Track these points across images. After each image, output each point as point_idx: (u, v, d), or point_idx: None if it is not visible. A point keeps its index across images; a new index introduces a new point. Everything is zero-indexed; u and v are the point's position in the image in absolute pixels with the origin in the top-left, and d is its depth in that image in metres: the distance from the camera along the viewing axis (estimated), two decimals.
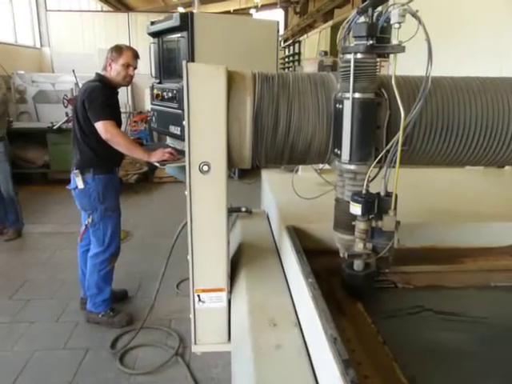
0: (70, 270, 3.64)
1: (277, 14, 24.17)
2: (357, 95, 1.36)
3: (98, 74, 3.19)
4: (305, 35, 17.09)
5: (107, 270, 3.20)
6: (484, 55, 4.33)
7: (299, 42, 15.91)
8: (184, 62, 1.45)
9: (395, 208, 1.38)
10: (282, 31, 23.24)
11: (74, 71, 6.85)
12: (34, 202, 5.64)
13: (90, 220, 3.13)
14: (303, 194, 2.01)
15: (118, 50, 3.16)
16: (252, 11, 23.06)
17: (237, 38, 2.76)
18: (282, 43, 18.40)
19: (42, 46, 11.52)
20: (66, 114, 6.77)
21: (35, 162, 6.72)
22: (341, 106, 1.40)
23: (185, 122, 1.49)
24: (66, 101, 6.82)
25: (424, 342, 1.22)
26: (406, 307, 1.39)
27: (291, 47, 16.12)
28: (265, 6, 24.53)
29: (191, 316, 1.68)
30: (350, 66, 1.33)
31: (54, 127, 6.45)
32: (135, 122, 7.46)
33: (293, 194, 2.02)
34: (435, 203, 2.17)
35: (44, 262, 3.95)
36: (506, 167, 3.02)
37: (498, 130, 1.57)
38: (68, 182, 3.05)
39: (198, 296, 1.65)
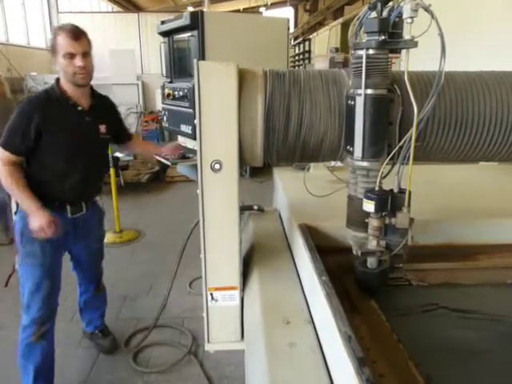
0: None
1: (286, 12, 24.09)
2: (369, 91, 1.34)
3: (50, 87, 2.31)
4: (315, 33, 17.02)
5: (27, 342, 2.23)
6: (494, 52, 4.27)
7: (309, 39, 15.83)
8: (195, 61, 1.45)
9: (409, 205, 1.37)
10: (291, 29, 23.24)
11: None
12: None
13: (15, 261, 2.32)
14: (315, 191, 2.00)
15: (52, 37, 2.22)
16: (262, 9, 23.03)
17: (247, 36, 2.75)
18: (292, 41, 18.36)
19: None
20: None
21: None
22: (353, 103, 1.39)
23: (196, 121, 1.50)
24: None
25: (439, 340, 1.21)
26: (420, 305, 1.37)
27: (301, 45, 16.05)
28: (274, 4, 24.46)
29: (204, 314, 1.68)
30: (361, 62, 1.32)
31: None
32: (146, 121, 7.50)
33: (305, 192, 2.01)
34: (449, 200, 2.14)
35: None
36: None
37: (508, 124, 1.55)
38: None
39: (211, 294, 1.65)
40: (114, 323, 2.85)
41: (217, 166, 1.53)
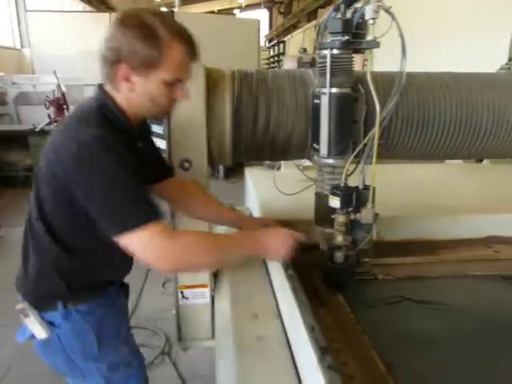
0: None
1: (261, 15, 24.19)
2: (334, 90, 1.38)
3: (100, 93, 1.21)
4: (289, 35, 17.14)
5: None
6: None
7: (283, 42, 15.95)
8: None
9: (373, 201, 1.41)
10: (266, 31, 23.28)
11: (55, 72, 6.76)
12: (16, 205, 5.56)
13: None
14: (285, 190, 2.02)
15: (150, 39, 1.09)
16: (236, 11, 23.07)
17: (218, 37, 2.76)
18: (267, 43, 18.45)
19: (22, 47, 11.37)
20: (48, 116, 6.68)
21: (17, 165, 6.62)
22: (318, 101, 1.42)
23: (165, 120, 1.50)
24: (47, 102, 6.73)
25: (403, 330, 1.25)
26: (385, 297, 1.41)
27: (276, 47, 16.16)
28: (249, 7, 24.55)
29: (175, 312, 1.69)
30: (326, 62, 1.35)
31: (36, 129, 6.36)
32: None
33: (275, 190, 2.04)
34: (415, 197, 2.21)
35: None
36: (484, 162, 3.08)
37: (472, 123, 1.62)
38: None
39: (182, 292, 1.66)
40: None
41: (186, 165, 1.54)
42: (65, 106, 6.81)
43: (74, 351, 1.33)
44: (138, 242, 1.08)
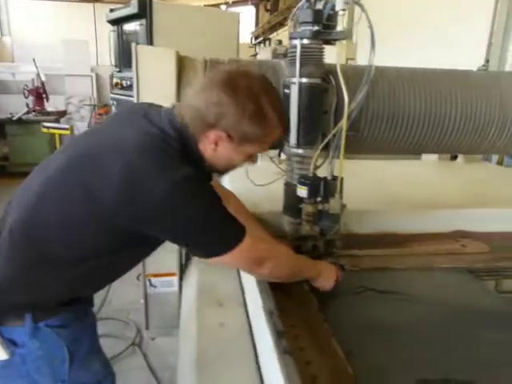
0: None
1: (248, 11, 24.09)
2: (303, 80, 1.39)
3: (182, 129, 1.10)
4: (275, 33, 17.13)
5: None
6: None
7: (269, 39, 15.92)
8: (133, 45, 1.45)
9: (341, 191, 1.42)
10: (253, 28, 23.24)
11: (34, 60, 6.63)
12: None
13: None
14: (260, 182, 2.02)
15: (258, 118, 1.07)
16: (223, 7, 22.93)
17: (197, 28, 2.74)
18: (253, 40, 18.41)
19: (2, 35, 11.13)
20: (27, 105, 6.57)
21: None
22: (288, 91, 1.43)
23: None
24: (26, 91, 6.61)
25: (364, 319, 1.26)
26: (350, 287, 1.43)
27: (262, 44, 16.13)
28: (236, 3, 24.43)
29: (143, 301, 1.68)
30: (296, 51, 1.36)
31: (14, 118, 6.25)
32: (100, 114, 7.32)
33: (248, 182, 2.04)
34: (387, 192, 2.24)
35: None
36: (458, 159, 3.13)
37: (441, 119, 1.64)
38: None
39: (150, 281, 1.65)
40: None
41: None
42: (44, 96, 6.69)
43: (41, 374, 1.17)
44: (243, 255, 1.10)
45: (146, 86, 1.47)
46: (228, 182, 2.29)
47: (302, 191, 1.39)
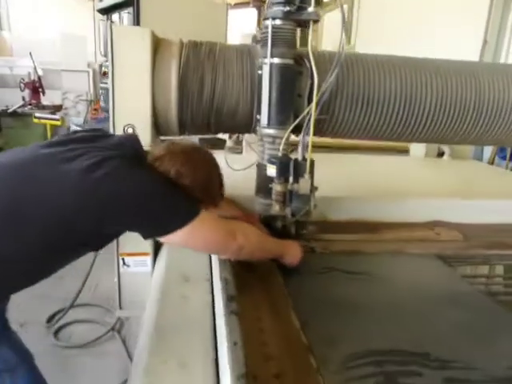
0: None
1: (250, 14, 24.15)
2: (275, 60, 1.40)
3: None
4: None
5: None
6: None
7: None
8: (108, 23, 1.46)
9: (311, 172, 1.43)
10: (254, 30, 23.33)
11: (31, 54, 6.65)
12: None
13: None
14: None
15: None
16: None
17: (185, 17, 2.76)
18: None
19: (1, 29, 11.12)
20: (23, 99, 6.59)
21: None
22: (261, 72, 1.44)
23: (109, 83, 1.50)
24: (22, 85, 6.63)
25: (326, 295, 1.28)
26: (317, 268, 1.44)
27: None
28: (238, 5, 24.52)
29: (116, 280, 1.69)
30: (268, 32, 1.37)
31: (9, 111, 6.26)
32: (95, 109, 7.32)
33: (228, 169, 2.05)
34: (368, 183, 2.25)
35: None
36: (445, 156, 3.15)
37: (416, 105, 1.65)
38: None
39: (123, 259, 1.66)
40: (38, 301, 2.78)
41: (130, 131, 1.54)
42: (40, 90, 6.71)
43: None
44: (205, 228, 1.13)
45: (120, 63, 1.48)
46: None
47: (272, 170, 1.40)
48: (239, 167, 2.05)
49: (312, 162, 1.44)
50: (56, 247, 1.08)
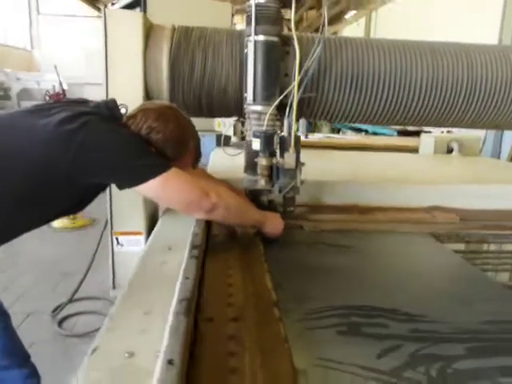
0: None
1: None
2: (260, 38, 1.43)
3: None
4: None
5: None
6: None
7: None
8: (102, 8, 1.53)
9: (296, 147, 1.44)
10: None
11: (55, 67, 6.95)
12: None
13: None
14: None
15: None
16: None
17: (191, 17, 2.84)
18: None
19: (32, 48, 11.69)
20: None
21: None
22: (247, 50, 1.48)
23: (103, 65, 1.56)
24: (47, 96, 6.92)
25: (304, 263, 1.27)
26: (302, 242, 1.44)
27: None
28: None
29: (110, 260, 1.72)
30: (251, 10, 1.41)
31: None
32: None
33: (224, 154, 2.09)
34: (371, 172, 2.25)
35: None
36: (454, 152, 3.10)
37: (406, 86, 1.66)
38: None
39: (117, 239, 1.70)
40: (47, 296, 2.86)
41: (123, 111, 1.59)
42: None
43: None
44: (178, 181, 1.17)
45: (114, 45, 1.54)
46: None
47: (256, 144, 1.42)
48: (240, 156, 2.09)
49: (297, 138, 1.45)
50: (28, 201, 1.12)
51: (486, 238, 1.61)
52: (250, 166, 1.55)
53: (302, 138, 1.53)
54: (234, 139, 2.89)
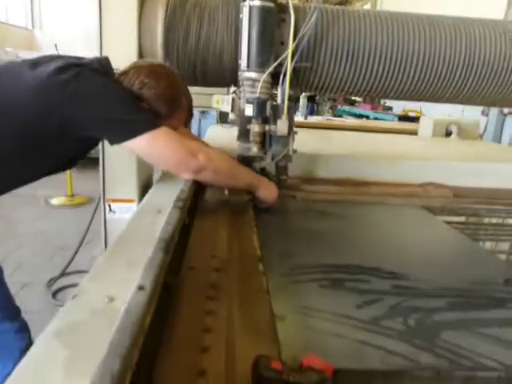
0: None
1: None
2: (255, 3, 1.41)
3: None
4: None
5: None
6: None
7: None
8: None
9: (289, 114, 1.44)
10: None
11: (56, 46, 6.90)
12: None
13: None
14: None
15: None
16: None
17: None
18: None
19: (33, 27, 11.57)
20: None
21: None
22: (242, 15, 1.46)
23: (97, 29, 1.55)
24: None
25: (291, 227, 1.28)
26: (293, 210, 1.44)
27: None
28: None
29: (102, 227, 1.73)
30: None
31: None
32: None
33: (220, 127, 2.09)
34: (367, 150, 2.25)
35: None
36: (453, 135, 3.09)
37: (403, 56, 1.64)
38: None
39: (109, 206, 1.70)
40: (43, 268, 2.88)
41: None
42: None
43: None
44: (166, 139, 1.16)
45: (109, 13, 1.52)
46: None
47: (249, 109, 1.41)
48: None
49: (290, 106, 1.44)
50: (21, 152, 1.12)
51: (478, 211, 1.61)
52: (243, 134, 1.54)
53: (302, 120, 1.53)
54: (231, 116, 2.87)
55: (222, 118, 2.93)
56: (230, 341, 0.63)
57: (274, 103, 1.44)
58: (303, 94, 7.65)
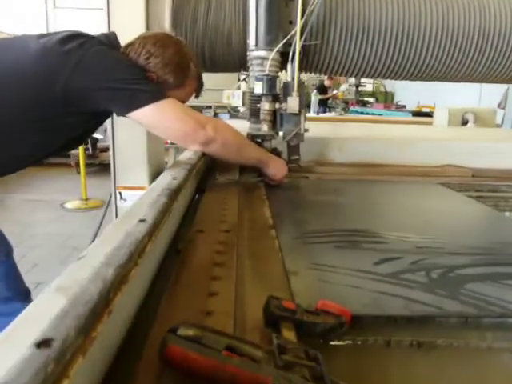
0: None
1: None
2: None
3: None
4: None
5: None
6: None
7: None
8: None
9: (299, 91, 1.41)
10: None
11: None
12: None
13: None
14: None
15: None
16: None
17: None
18: None
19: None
20: None
21: None
22: None
23: (105, 14, 1.55)
24: None
25: (301, 201, 1.26)
26: (303, 187, 1.40)
27: None
28: None
29: (113, 215, 1.71)
30: None
31: None
32: None
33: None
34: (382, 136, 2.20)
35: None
36: (469, 124, 3.02)
37: (415, 32, 1.60)
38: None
39: (120, 193, 1.68)
40: (57, 268, 2.88)
41: None
42: None
43: None
44: (174, 110, 1.14)
45: (116, 2, 1.52)
46: None
47: (259, 87, 1.39)
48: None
49: (301, 82, 1.42)
50: (31, 123, 1.11)
51: (498, 188, 1.55)
52: (253, 114, 1.52)
53: (314, 115, 1.50)
54: (242, 109, 2.85)
55: (233, 112, 2.91)
56: (240, 288, 0.59)
57: (285, 81, 1.42)
58: (314, 91, 7.69)
